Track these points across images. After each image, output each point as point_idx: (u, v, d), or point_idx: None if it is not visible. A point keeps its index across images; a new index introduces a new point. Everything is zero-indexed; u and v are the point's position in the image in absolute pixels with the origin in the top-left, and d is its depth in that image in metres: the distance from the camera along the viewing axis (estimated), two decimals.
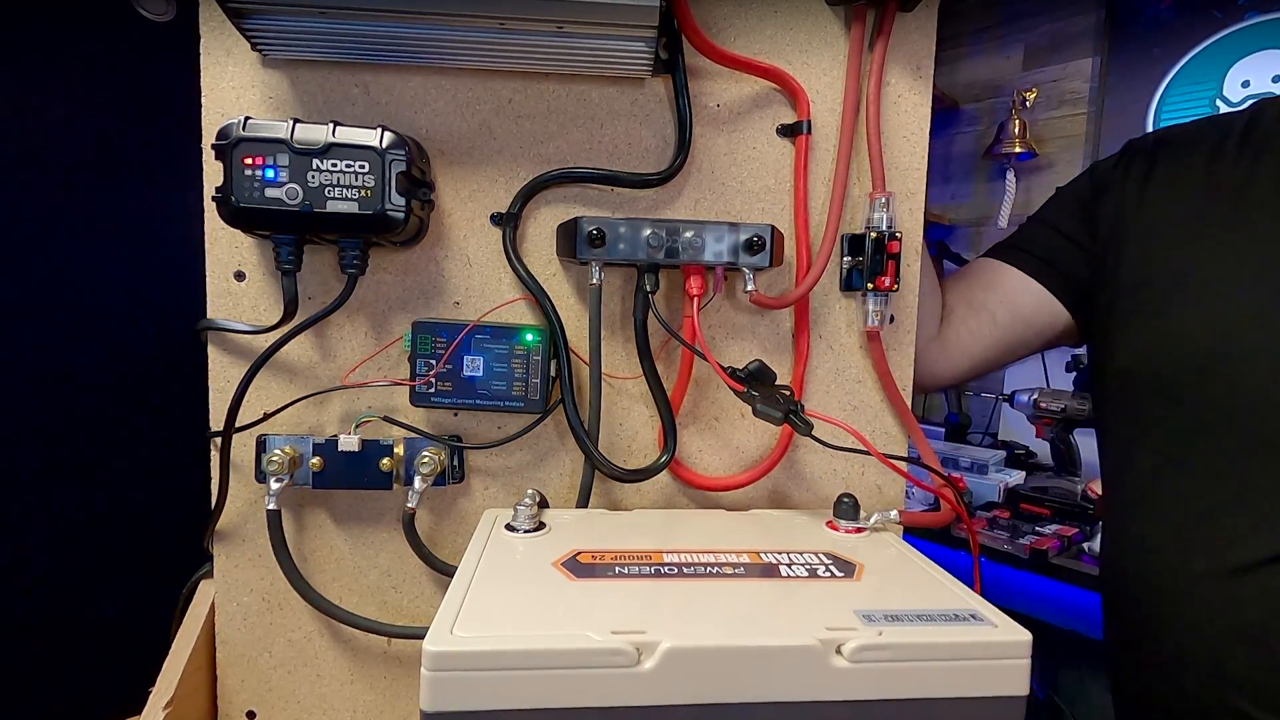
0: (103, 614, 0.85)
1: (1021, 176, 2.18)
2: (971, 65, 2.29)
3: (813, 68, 0.69)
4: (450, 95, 0.66)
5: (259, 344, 0.64)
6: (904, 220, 0.71)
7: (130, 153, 0.82)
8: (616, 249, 0.61)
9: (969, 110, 2.30)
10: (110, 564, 0.85)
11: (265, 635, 0.69)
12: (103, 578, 0.85)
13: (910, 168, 0.71)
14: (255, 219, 0.58)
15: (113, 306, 0.83)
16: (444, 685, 0.39)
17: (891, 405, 0.72)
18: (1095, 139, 2.05)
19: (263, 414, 0.66)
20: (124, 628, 0.85)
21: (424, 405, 0.65)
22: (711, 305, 0.70)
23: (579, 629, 0.41)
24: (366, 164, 0.58)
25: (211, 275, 0.66)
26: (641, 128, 0.68)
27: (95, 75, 0.79)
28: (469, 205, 0.67)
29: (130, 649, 0.73)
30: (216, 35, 0.64)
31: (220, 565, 0.68)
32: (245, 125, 0.57)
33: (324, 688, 0.70)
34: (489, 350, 0.65)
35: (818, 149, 0.70)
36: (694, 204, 0.69)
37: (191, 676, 0.65)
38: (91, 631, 0.85)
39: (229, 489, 0.66)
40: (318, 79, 0.65)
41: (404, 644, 0.70)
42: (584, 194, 0.68)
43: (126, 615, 0.85)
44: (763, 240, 0.62)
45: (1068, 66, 2.09)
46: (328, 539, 0.69)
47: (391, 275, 0.67)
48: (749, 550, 0.55)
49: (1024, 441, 2.10)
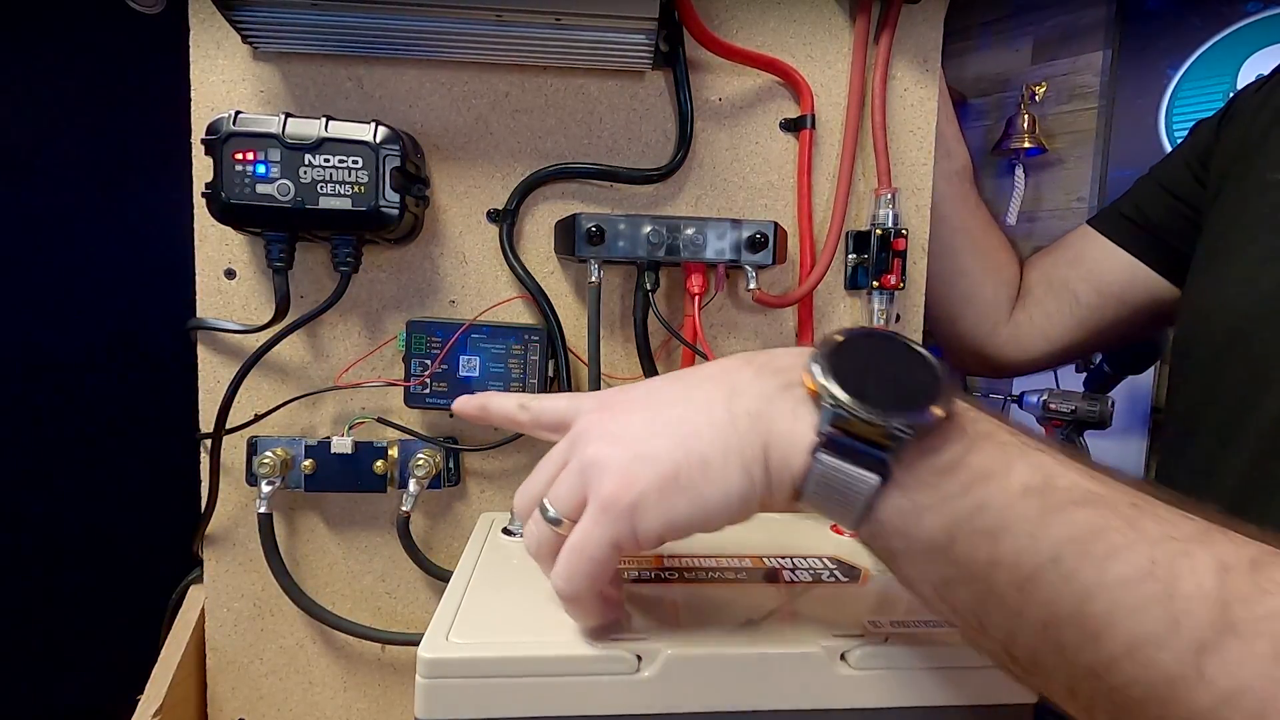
0: (90, 620, 0.84)
1: (1030, 172, 2.16)
2: (979, 58, 2.26)
3: (817, 61, 0.68)
4: (446, 89, 0.65)
5: (250, 343, 0.63)
6: (910, 217, 0.70)
7: (118, 148, 0.81)
8: (616, 246, 0.60)
9: (977, 105, 2.28)
10: (98, 569, 0.85)
11: (256, 642, 0.68)
12: (90, 583, 0.84)
13: (917, 163, 0.69)
14: (246, 215, 0.57)
15: (100, 305, 0.82)
16: (439, 693, 0.39)
17: None
18: (1106, 134, 2.03)
19: (254, 415, 0.64)
20: (112, 634, 0.84)
21: (419, 406, 0.64)
22: (713, 304, 0.69)
23: (578, 635, 0.40)
24: (360, 159, 0.57)
25: (201, 273, 0.65)
26: (642, 122, 0.67)
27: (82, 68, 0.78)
28: (465, 201, 0.66)
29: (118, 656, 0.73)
30: (206, 27, 0.63)
31: (210, 570, 0.67)
32: (236, 120, 0.56)
33: (316, 695, 0.69)
34: (485, 350, 0.64)
35: (822, 144, 0.68)
36: (695, 200, 0.68)
37: (181, 684, 0.64)
38: (78, 638, 0.84)
39: (219, 492, 0.65)
40: (310, 72, 0.64)
41: (399, 651, 0.69)
42: (583, 190, 0.67)
43: (114, 621, 0.84)
44: (765, 237, 0.61)
45: (1078, 60, 2.07)
46: (320, 543, 0.68)
47: (386, 273, 0.66)
48: (751, 555, 0.54)
49: None
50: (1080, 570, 0.29)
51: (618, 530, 0.35)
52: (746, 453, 0.34)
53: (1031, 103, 2.11)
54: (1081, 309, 0.75)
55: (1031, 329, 0.77)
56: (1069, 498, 0.30)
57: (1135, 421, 1.94)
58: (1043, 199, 2.18)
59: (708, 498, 0.34)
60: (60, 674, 0.85)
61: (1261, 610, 0.26)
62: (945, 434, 0.32)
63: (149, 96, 0.78)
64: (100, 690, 0.74)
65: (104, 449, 0.84)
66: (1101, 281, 0.74)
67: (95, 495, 0.85)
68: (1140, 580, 0.28)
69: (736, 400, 0.35)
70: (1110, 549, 0.29)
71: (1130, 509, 0.30)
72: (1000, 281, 0.77)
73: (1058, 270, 0.77)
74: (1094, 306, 0.75)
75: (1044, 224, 2.16)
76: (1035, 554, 0.29)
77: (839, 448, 0.32)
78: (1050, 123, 2.12)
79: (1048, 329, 0.77)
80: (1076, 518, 0.29)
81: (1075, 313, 0.76)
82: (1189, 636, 0.27)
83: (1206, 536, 0.29)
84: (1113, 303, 0.74)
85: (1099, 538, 0.29)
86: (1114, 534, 0.29)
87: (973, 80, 2.28)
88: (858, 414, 0.31)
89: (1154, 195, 0.74)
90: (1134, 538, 0.29)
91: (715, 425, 0.35)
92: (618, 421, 0.37)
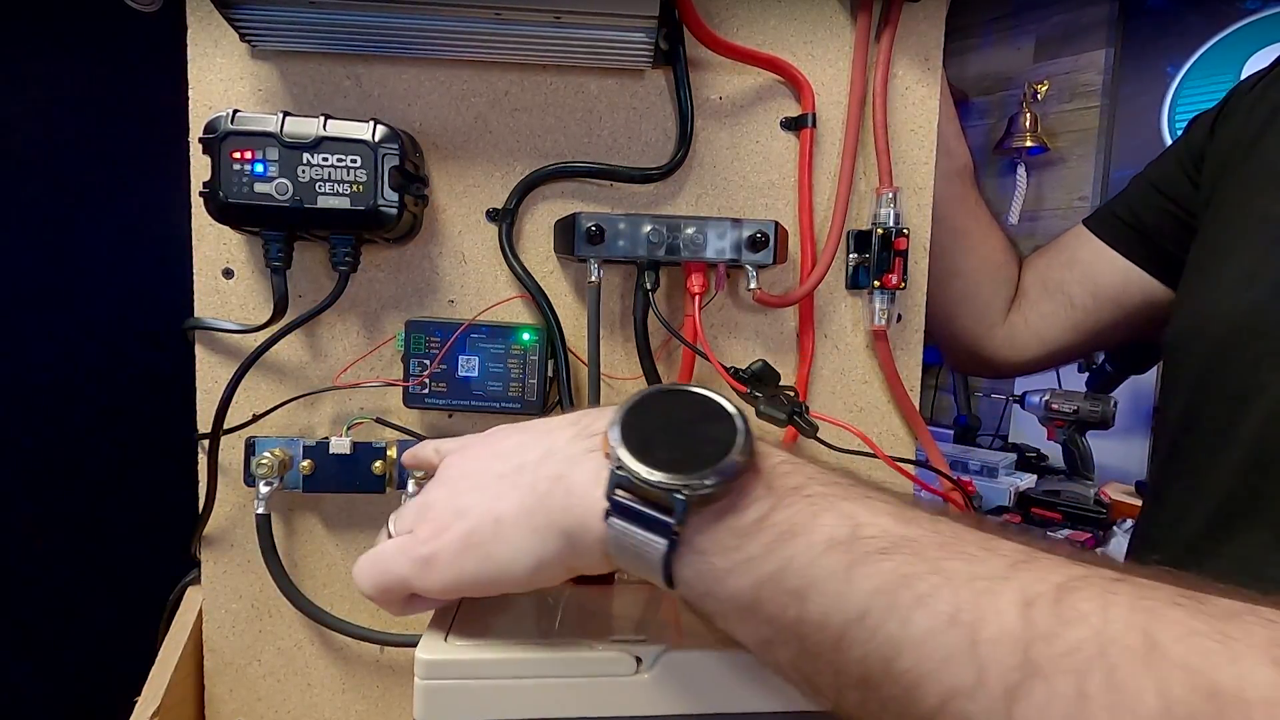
0: (87, 621, 0.84)
1: (1033, 172, 2.16)
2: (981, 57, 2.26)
3: (818, 59, 0.67)
4: (445, 87, 0.65)
5: (248, 343, 0.63)
6: (912, 216, 0.69)
7: (114, 147, 0.81)
8: (616, 246, 0.60)
9: (979, 103, 2.28)
10: (94, 570, 0.84)
11: (254, 643, 0.68)
12: (87, 584, 0.84)
13: (918, 162, 0.69)
14: (244, 215, 0.57)
15: (97, 305, 0.82)
16: (438, 695, 0.38)
17: (899, 407, 0.70)
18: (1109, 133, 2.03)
19: (252, 416, 0.64)
20: (109, 635, 0.84)
21: (418, 407, 0.64)
22: (713, 304, 0.68)
23: (577, 637, 0.40)
24: (358, 158, 0.56)
25: (199, 273, 0.64)
26: (641, 121, 0.67)
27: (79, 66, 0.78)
28: (464, 201, 0.66)
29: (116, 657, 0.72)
30: (204, 25, 0.62)
31: (208, 571, 0.67)
32: (233, 118, 0.56)
33: (315, 697, 0.69)
34: (485, 350, 0.63)
35: (823, 143, 0.68)
36: (695, 199, 0.68)
37: (179, 685, 0.64)
38: (76, 639, 0.84)
39: (216, 493, 0.64)
40: (308, 71, 0.64)
41: (397, 652, 0.68)
42: (582, 189, 0.67)
43: (111, 623, 0.83)
44: (766, 237, 0.60)
45: (1080, 58, 2.06)
46: (319, 544, 0.68)
47: (384, 273, 0.66)
48: None
49: (1035, 444, 2.08)
50: (886, 624, 0.28)
51: (410, 572, 0.37)
52: (541, 517, 0.35)
53: (1034, 101, 2.11)
54: (1076, 312, 0.74)
55: (1026, 331, 0.77)
56: (876, 547, 0.29)
57: (1138, 422, 1.94)
58: (1045, 198, 2.17)
59: (497, 559, 0.35)
60: (57, 675, 0.85)
61: (1063, 646, 0.25)
62: (747, 492, 0.32)
63: (146, 95, 0.77)
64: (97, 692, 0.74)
65: (101, 449, 0.84)
66: (1095, 285, 0.73)
67: (91, 496, 0.84)
68: (945, 629, 0.27)
69: (546, 463, 0.36)
70: (916, 598, 0.28)
71: (938, 550, 0.29)
72: (998, 282, 0.77)
73: (1052, 272, 0.76)
74: (1089, 309, 0.74)
75: (1046, 223, 2.15)
76: (843, 611, 0.29)
77: (627, 512, 0.32)
78: (1052, 121, 2.11)
79: (1042, 331, 0.76)
80: (883, 568, 0.29)
81: (1070, 316, 0.75)
82: (996, 684, 0.26)
83: (1013, 570, 0.28)
84: (1108, 305, 0.73)
85: (905, 586, 0.28)
86: (919, 582, 0.28)
87: (975, 78, 2.28)
88: (639, 478, 0.31)
89: (1147, 196, 0.73)
90: (939, 582, 0.28)
91: (519, 488, 0.36)
92: (462, 468, 0.40)
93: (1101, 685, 0.24)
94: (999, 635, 0.26)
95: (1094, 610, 0.26)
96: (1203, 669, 0.24)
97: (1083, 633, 0.25)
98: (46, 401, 0.81)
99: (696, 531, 0.31)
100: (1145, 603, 0.26)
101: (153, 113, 0.74)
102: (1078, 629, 0.25)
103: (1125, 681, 0.24)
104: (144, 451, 0.84)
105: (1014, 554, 0.29)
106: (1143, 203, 0.72)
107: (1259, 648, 0.24)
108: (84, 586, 0.84)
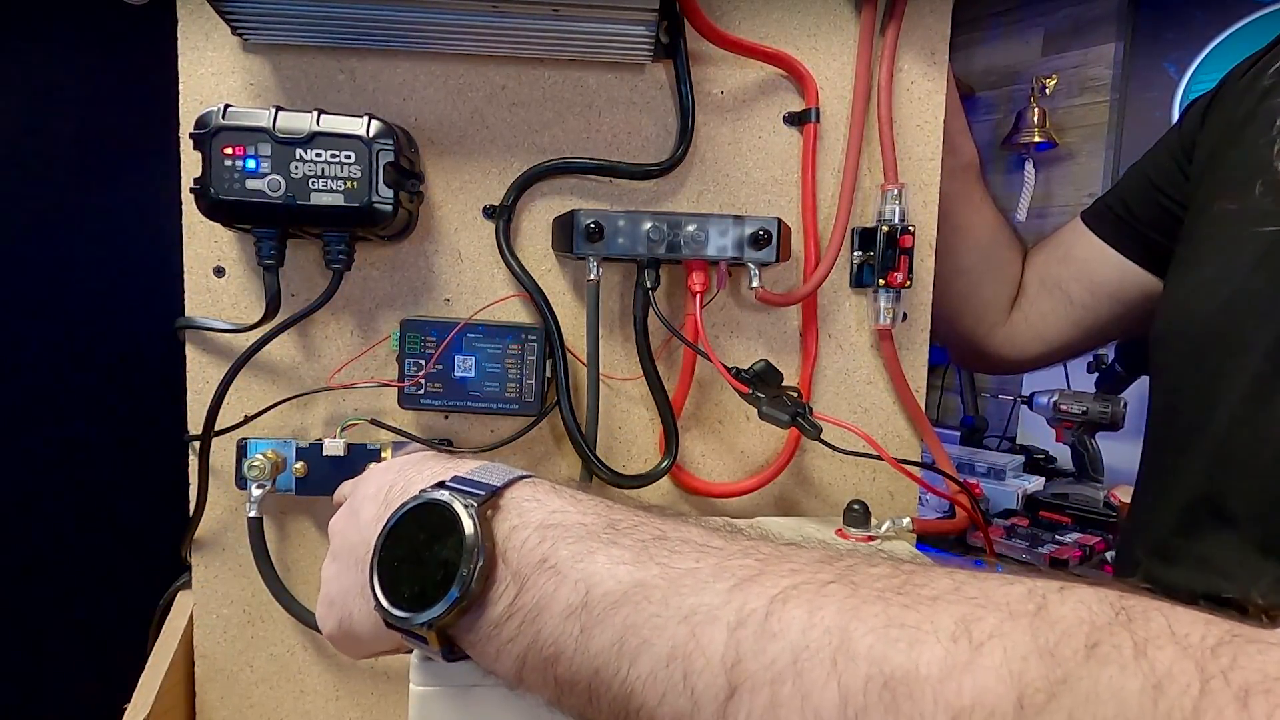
0: (75, 626, 0.83)
1: (1041, 167, 2.14)
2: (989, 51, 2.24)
3: (821, 53, 0.66)
4: (441, 82, 0.64)
5: (239, 343, 0.62)
6: (917, 213, 0.68)
7: (103, 142, 0.80)
8: (615, 243, 0.59)
9: (986, 98, 2.26)
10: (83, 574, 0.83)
11: (246, 649, 0.67)
12: (75, 588, 0.83)
13: (924, 158, 0.68)
14: (235, 212, 0.56)
15: (85, 303, 0.81)
16: (432, 701, 0.39)
17: (904, 407, 0.69)
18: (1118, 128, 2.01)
19: (243, 417, 0.63)
20: (98, 641, 0.83)
21: (413, 407, 0.63)
22: (715, 303, 0.67)
23: None
24: (352, 154, 0.55)
25: (189, 271, 0.63)
26: (642, 116, 0.66)
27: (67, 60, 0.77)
28: (460, 197, 0.65)
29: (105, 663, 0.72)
30: (195, 18, 0.62)
31: (199, 576, 0.66)
32: (225, 113, 0.55)
33: (308, 704, 0.68)
34: (481, 350, 0.62)
35: (827, 138, 0.67)
36: (697, 196, 0.67)
37: (169, 692, 0.63)
38: (64, 645, 0.83)
39: (208, 495, 0.64)
40: (301, 65, 0.63)
41: (391, 659, 0.66)
42: (581, 185, 0.66)
43: (100, 628, 0.83)
44: (769, 234, 0.59)
45: (1089, 52, 2.04)
46: (312, 548, 0.67)
47: (379, 271, 0.65)
48: None
49: (1043, 446, 2.06)
50: (618, 675, 0.30)
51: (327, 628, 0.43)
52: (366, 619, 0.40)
53: (1042, 96, 2.09)
54: (1075, 309, 0.73)
55: (1027, 329, 0.76)
56: (607, 603, 0.31)
57: None
58: (1053, 194, 2.16)
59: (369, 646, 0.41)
60: (45, 682, 0.84)
61: (763, 660, 0.27)
62: (494, 582, 0.34)
63: (136, 89, 0.77)
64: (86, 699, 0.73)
65: (89, 451, 0.83)
66: (1092, 280, 0.72)
67: (80, 499, 0.84)
68: (664, 667, 0.29)
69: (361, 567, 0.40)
70: (640, 643, 0.29)
71: (666, 588, 0.30)
72: (1001, 281, 0.76)
73: (1050, 268, 0.75)
74: (1088, 306, 0.73)
75: (1055, 220, 2.14)
76: (585, 670, 0.31)
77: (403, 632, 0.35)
78: (1061, 116, 2.10)
79: (1042, 329, 0.75)
80: (614, 622, 0.30)
81: (1070, 313, 0.74)
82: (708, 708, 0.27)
83: (734, 592, 0.29)
84: (1106, 301, 0.72)
85: (632, 634, 0.30)
86: (644, 627, 0.30)
87: (981, 73, 2.26)
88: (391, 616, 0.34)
89: (1140, 187, 0.71)
90: (661, 623, 0.29)
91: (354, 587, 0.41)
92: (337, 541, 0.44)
93: (791, 691, 0.26)
94: (705, 665, 0.28)
95: (800, 618, 0.27)
96: (883, 657, 0.25)
97: (780, 645, 0.27)
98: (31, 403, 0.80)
99: (461, 632, 0.34)
100: (850, 601, 0.27)
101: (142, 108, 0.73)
102: (777, 642, 0.27)
103: (812, 684, 0.26)
104: (133, 453, 0.83)
105: (744, 571, 0.30)
106: (1136, 195, 0.71)
107: (944, 629, 0.25)
108: (72, 591, 0.84)
